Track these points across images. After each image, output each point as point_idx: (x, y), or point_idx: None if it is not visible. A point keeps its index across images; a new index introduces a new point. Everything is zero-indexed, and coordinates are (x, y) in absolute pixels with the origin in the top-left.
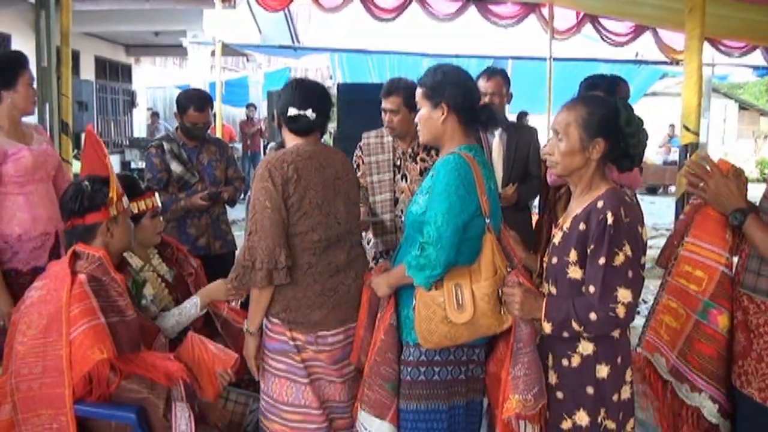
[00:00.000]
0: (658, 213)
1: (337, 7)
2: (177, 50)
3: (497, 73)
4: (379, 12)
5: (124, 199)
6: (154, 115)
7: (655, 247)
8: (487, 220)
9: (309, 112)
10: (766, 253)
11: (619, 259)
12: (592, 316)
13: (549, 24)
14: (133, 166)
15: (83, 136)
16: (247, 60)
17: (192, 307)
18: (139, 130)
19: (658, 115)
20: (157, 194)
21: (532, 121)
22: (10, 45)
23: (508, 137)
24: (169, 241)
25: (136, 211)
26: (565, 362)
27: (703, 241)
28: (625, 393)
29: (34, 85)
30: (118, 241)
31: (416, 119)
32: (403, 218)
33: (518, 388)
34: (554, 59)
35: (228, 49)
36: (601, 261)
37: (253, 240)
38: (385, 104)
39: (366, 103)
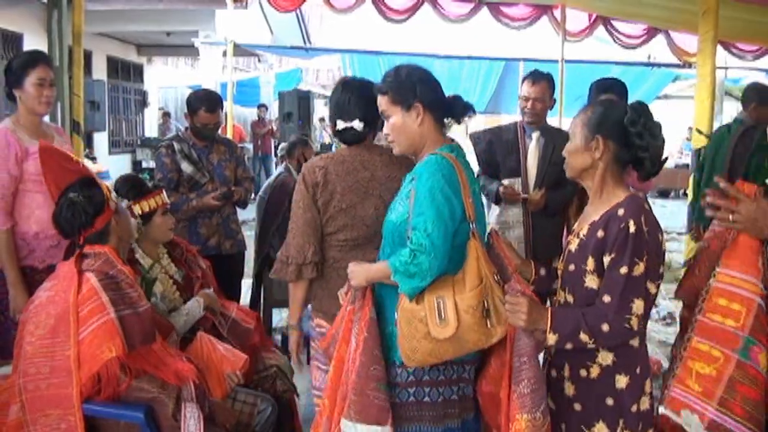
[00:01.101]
0: (670, 216)
1: (348, 7)
2: (189, 50)
3: (543, 78)
4: (391, 13)
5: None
6: (166, 114)
7: (666, 250)
8: (472, 226)
9: (356, 123)
10: None
11: (639, 269)
12: (605, 327)
13: (561, 26)
14: (144, 165)
15: (95, 135)
16: (259, 60)
17: (196, 307)
18: (151, 129)
19: (671, 118)
20: (164, 191)
21: None
22: (22, 44)
23: (545, 141)
24: (179, 242)
25: (146, 209)
26: (583, 373)
27: (736, 270)
28: (644, 404)
29: (48, 86)
30: (124, 229)
31: (386, 131)
32: None
33: (526, 407)
34: (566, 61)
35: (240, 50)
36: (623, 270)
37: (288, 237)
38: None
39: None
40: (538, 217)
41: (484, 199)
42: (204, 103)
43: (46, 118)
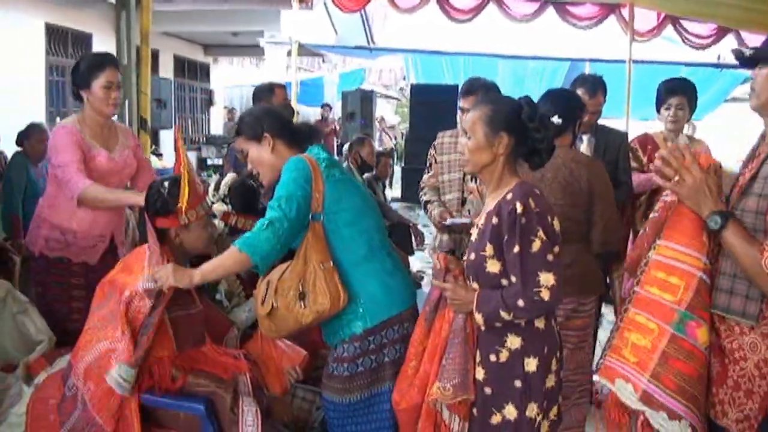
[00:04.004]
0: None
1: (413, 7)
2: (254, 50)
3: (600, 88)
4: (455, 13)
5: (200, 208)
6: (232, 111)
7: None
8: (312, 216)
9: (555, 119)
10: (750, 268)
11: (536, 245)
12: (520, 302)
13: (629, 25)
14: (209, 162)
15: (161, 132)
16: (323, 60)
17: None
18: (216, 127)
19: (739, 121)
20: None
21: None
22: (91, 44)
23: (597, 142)
24: None
25: (240, 226)
26: (492, 358)
27: (678, 243)
28: (550, 381)
29: (115, 88)
30: (188, 246)
31: (250, 164)
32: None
33: (442, 376)
34: (633, 62)
35: (304, 50)
36: (516, 250)
37: None
38: (463, 103)
39: (438, 104)
40: None
41: None
42: (275, 85)
43: (115, 118)
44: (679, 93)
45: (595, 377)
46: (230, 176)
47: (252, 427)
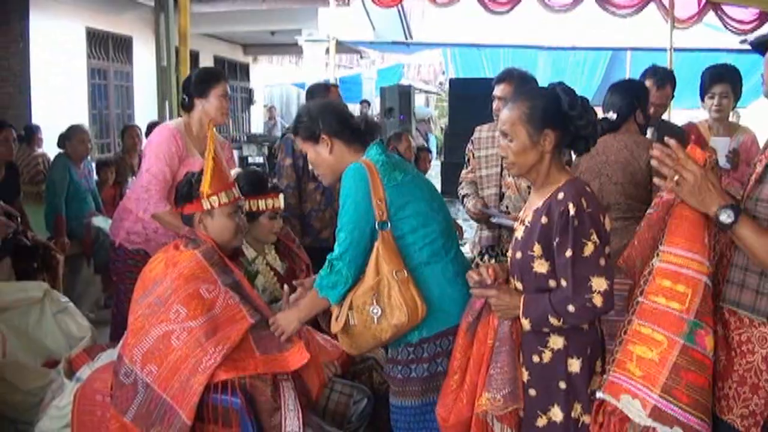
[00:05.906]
0: None
1: (450, 1)
2: (293, 48)
3: (668, 80)
4: (493, 5)
5: (224, 195)
6: (272, 109)
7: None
8: (378, 226)
9: (610, 114)
10: (766, 260)
11: (588, 248)
12: (570, 308)
13: (669, 12)
14: (250, 161)
15: None
16: (361, 57)
17: None
18: (257, 126)
19: None
20: (281, 196)
21: None
22: (131, 47)
23: (659, 135)
24: (278, 236)
25: (254, 209)
26: (535, 358)
27: (681, 248)
28: (594, 384)
29: (227, 99)
30: (214, 235)
31: (310, 165)
32: (509, 212)
33: (490, 386)
34: (675, 50)
35: (342, 47)
36: (568, 253)
37: None
38: (496, 91)
39: (477, 98)
40: None
41: None
42: (330, 84)
43: (154, 114)
44: (723, 81)
45: (599, 394)
46: (234, 171)
47: (293, 412)
